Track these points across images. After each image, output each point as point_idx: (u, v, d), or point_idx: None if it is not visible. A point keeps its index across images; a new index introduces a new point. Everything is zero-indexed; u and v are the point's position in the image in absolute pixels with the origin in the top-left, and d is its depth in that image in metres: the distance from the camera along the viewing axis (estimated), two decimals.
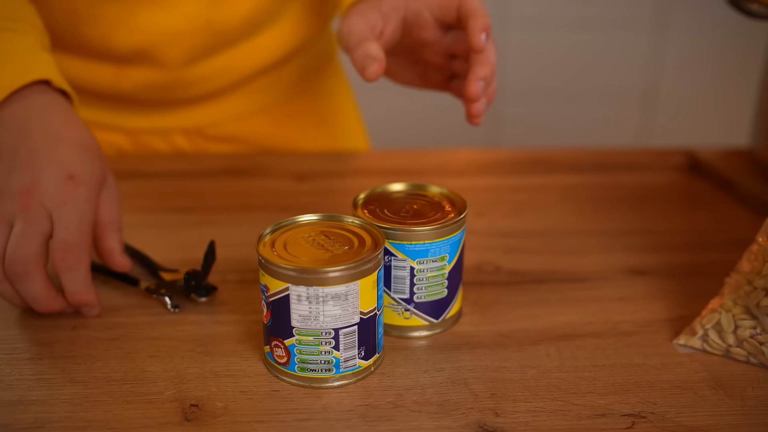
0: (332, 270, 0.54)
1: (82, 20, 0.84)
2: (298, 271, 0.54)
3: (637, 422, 0.54)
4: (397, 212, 0.63)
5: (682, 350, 0.62)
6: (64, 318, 0.64)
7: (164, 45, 0.87)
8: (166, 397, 0.55)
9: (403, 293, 0.62)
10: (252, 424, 0.53)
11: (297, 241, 0.58)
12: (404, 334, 0.63)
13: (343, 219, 0.61)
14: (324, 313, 0.55)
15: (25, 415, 0.53)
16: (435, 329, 0.64)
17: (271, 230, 0.59)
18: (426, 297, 0.62)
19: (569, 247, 0.78)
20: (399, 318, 0.63)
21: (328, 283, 0.54)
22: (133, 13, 0.84)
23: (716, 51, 2.30)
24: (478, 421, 0.54)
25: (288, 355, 0.56)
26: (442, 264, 0.61)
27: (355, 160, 0.98)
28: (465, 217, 0.62)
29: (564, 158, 1.00)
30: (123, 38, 0.86)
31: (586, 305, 0.68)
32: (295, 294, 0.54)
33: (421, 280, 0.61)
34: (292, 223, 0.60)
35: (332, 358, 0.56)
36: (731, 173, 0.92)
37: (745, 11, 0.84)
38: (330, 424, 0.53)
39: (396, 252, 0.60)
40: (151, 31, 0.86)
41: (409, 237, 0.60)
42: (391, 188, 0.66)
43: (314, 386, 0.57)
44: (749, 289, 0.60)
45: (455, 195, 0.65)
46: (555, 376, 0.59)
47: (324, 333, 0.55)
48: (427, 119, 2.30)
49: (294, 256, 0.56)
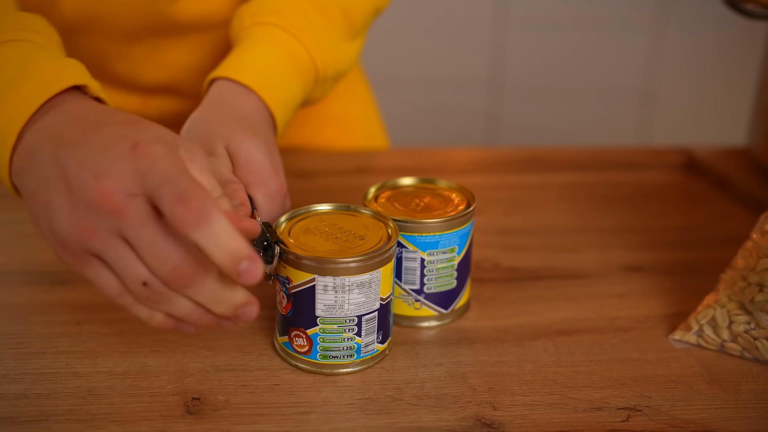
0: (358, 260, 0.55)
1: (111, 58, 0.85)
2: (325, 262, 0.55)
3: (632, 415, 0.55)
4: (407, 205, 0.65)
5: (678, 345, 0.63)
6: (67, 314, 0.65)
7: (190, 79, 0.88)
8: (168, 391, 0.56)
9: (414, 284, 0.63)
10: (253, 417, 0.54)
11: (311, 231, 0.59)
12: (414, 324, 0.65)
13: (357, 210, 0.62)
14: (349, 302, 0.56)
15: (29, 408, 0.54)
16: (444, 319, 0.65)
17: (287, 219, 0.60)
18: (436, 288, 0.64)
19: (567, 244, 0.79)
20: (409, 308, 0.64)
21: (354, 272, 0.56)
22: (161, 51, 0.85)
23: (715, 51, 2.31)
24: (476, 414, 0.55)
25: (310, 344, 0.57)
26: (452, 255, 0.63)
27: (353, 159, 0.99)
28: (474, 209, 0.64)
29: (562, 157, 1.01)
30: (150, 74, 0.87)
31: (583, 301, 0.69)
32: (321, 285, 0.55)
33: (432, 271, 0.63)
34: (306, 212, 0.62)
35: (354, 344, 0.58)
36: (728, 172, 0.92)
37: (741, 11, 0.84)
38: (330, 417, 0.54)
39: (407, 243, 0.62)
40: (178, 67, 0.87)
41: (419, 229, 0.61)
42: (401, 182, 0.68)
43: (335, 372, 0.58)
44: (743, 285, 0.61)
45: (464, 188, 0.67)
46: (552, 370, 0.59)
47: (348, 320, 0.57)
48: (426, 119, 2.31)
49: (314, 248, 0.57)
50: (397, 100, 2.25)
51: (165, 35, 0.84)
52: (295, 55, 0.72)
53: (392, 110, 2.26)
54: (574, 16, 2.25)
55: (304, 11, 0.74)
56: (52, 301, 0.66)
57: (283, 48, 0.72)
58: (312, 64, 0.73)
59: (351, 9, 0.78)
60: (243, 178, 0.62)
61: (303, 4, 0.75)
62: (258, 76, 0.69)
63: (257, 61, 0.70)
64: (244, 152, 0.63)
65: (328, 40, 0.75)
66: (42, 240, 0.52)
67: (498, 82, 2.29)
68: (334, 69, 0.76)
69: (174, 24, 0.82)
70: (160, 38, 0.84)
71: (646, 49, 2.28)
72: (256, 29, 0.73)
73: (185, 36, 0.85)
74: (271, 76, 0.70)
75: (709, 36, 2.29)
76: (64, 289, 0.68)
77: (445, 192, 0.67)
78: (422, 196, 0.66)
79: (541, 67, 2.28)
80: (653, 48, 2.28)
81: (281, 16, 0.73)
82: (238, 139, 0.63)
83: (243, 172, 0.62)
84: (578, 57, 2.28)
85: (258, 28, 0.73)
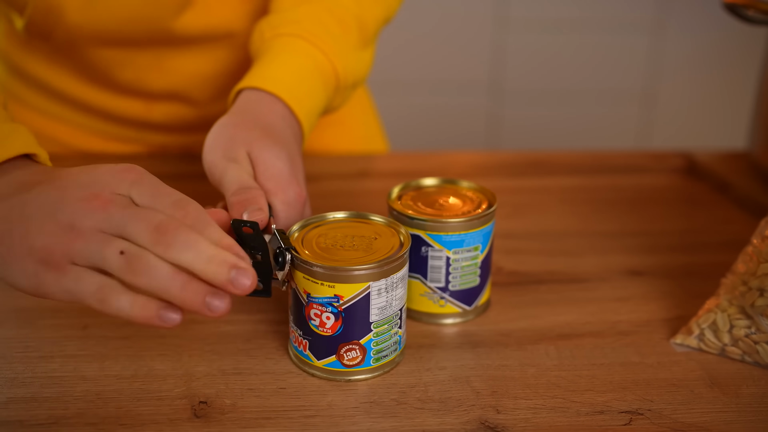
0: (399, 256, 0.57)
1: (115, 66, 0.86)
2: (379, 265, 0.56)
3: (634, 419, 0.55)
4: (431, 205, 0.66)
5: (679, 349, 0.63)
6: (74, 317, 0.65)
7: (194, 87, 0.89)
8: (175, 395, 0.57)
9: (439, 282, 0.65)
10: (259, 420, 0.55)
11: (330, 247, 0.59)
12: (438, 321, 0.66)
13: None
14: (395, 298, 0.58)
15: (39, 412, 0.55)
16: (467, 316, 0.67)
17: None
18: (460, 285, 0.65)
19: (568, 248, 0.80)
20: (434, 306, 0.66)
21: (399, 267, 0.58)
22: (165, 59, 0.86)
23: (715, 53, 2.32)
24: (480, 417, 0.55)
25: (363, 353, 0.58)
26: (476, 254, 0.65)
27: (354, 163, 0.99)
28: (495, 209, 0.65)
29: (563, 160, 1.02)
30: (155, 80, 0.87)
31: (585, 305, 0.69)
32: (375, 289, 0.57)
33: (456, 269, 0.64)
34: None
35: (398, 337, 0.60)
36: (728, 176, 0.93)
37: (742, 17, 0.85)
38: (335, 421, 0.55)
39: (433, 243, 0.63)
40: (182, 74, 0.87)
41: (445, 228, 0.63)
42: (423, 182, 0.70)
43: (386, 371, 0.60)
44: (744, 289, 0.62)
45: (484, 189, 0.68)
46: (554, 374, 0.60)
47: (394, 316, 0.59)
48: (426, 120, 2.31)
49: (346, 258, 0.57)
50: (398, 102, 2.26)
51: (169, 45, 0.85)
52: (317, 63, 0.73)
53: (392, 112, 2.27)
54: (574, 17, 2.25)
55: (323, 21, 0.75)
56: (58, 305, 0.67)
57: (305, 57, 0.73)
58: (333, 72, 0.74)
59: (365, 18, 0.79)
60: (262, 185, 0.63)
61: (321, 15, 0.76)
62: (283, 84, 0.70)
63: (281, 70, 0.71)
64: (264, 159, 0.64)
65: (346, 48, 0.76)
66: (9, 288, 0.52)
67: (498, 83, 2.30)
68: (354, 76, 0.78)
69: (178, 37, 0.83)
70: (164, 47, 0.85)
71: (646, 50, 2.29)
72: (278, 41, 0.74)
73: (189, 45, 0.85)
74: (295, 84, 0.71)
75: (709, 37, 2.29)
76: None
77: (467, 192, 0.69)
78: (445, 196, 0.68)
79: (542, 68, 2.29)
80: (653, 50, 2.29)
81: (301, 26, 0.74)
82: (260, 145, 0.64)
83: (263, 178, 0.63)
84: (578, 59, 2.29)
85: (280, 40, 0.74)
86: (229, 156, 0.64)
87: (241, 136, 0.65)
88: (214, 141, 0.66)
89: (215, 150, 0.65)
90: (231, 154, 0.64)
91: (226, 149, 0.64)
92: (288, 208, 0.63)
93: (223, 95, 0.91)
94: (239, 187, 0.61)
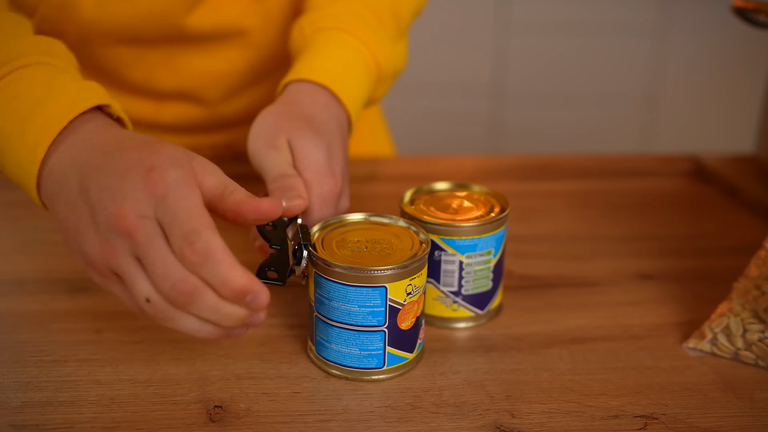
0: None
1: (125, 65, 0.86)
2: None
3: (649, 423, 0.55)
4: (444, 209, 0.66)
5: (692, 353, 0.63)
6: (87, 321, 0.65)
7: (204, 86, 0.89)
8: (190, 399, 0.57)
9: (452, 286, 0.65)
10: (275, 425, 0.55)
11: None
12: (450, 325, 0.66)
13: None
14: None
15: (55, 416, 0.55)
16: (480, 320, 0.67)
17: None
18: (473, 289, 0.65)
19: (577, 252, 0.80)
20: (447, 310, 0.66)
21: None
22: (175, 57, 0.86)
23: (720, 56, 2.32)
24: (495, 422, 0.55)
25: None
26: (488, 258, 0.65)
27: (362, 166, 1.00)
28: (508, 213, 0.65)
29: (569, 164, 1.02)
30: (164, 79, 0.88)
31: (597, 309, 0.70)
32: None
33: (469, 273, 0.65)
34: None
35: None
36: (737, 180, 0.93)
37: (753, 21, 0.85)
38: (351, 425, 0.55)
39: (446, 247, 0.63)
40: (191, 73, 0.88)
41: (458, 232, 0.63)
42: (436, 187, 0.70)
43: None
44: (757, 293, 0.62)
45: (496, 193, 0.69)
46: (568, 378, 0.60)
47: None
48: (428, 123, 2.31)
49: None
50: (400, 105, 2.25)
51: (180, 43, 0.85)
52: (359, 54, 0.75)
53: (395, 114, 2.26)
54: (576, 20, 2.26)
55: (360, 14, 0.77)
56: (71, 308, 0.67)
57: (347, 48, 0.74)
58: (374, 62, 0.76)
59: (399, 10, 0.81)
60: (300, 175, 0.65)
61: (358, 8, 0.78)
62: (328, 73, 0.72)
63: (325, 61, 0.73)
64: (302, 148, 0.65)
65: (384, 39, 0.77)
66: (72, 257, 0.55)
67: (500, 86, 2.30)
68: (393, 67, 0.79)
69: (189, 34, 0.83)
70: (174, 45, 0.85)
71: (649, 53, 2.29)
72: (319, 35, 0.75)
73: (200, 43, 0.86)
74: (340, 73, 0.72)
75: (712, 40, 2.29)
76: (84, 297, 0.68)
77: (479, 196, 0.69)
78: (457, 200, 0.68)
79: (544, 71, 2.29)
80: (656, 52, 2.29)
81: (341, 20, 0.76)
82: (299, 134, 0.66)
83: (300, 167, 0.65)
84: (581, 61, 2.29)
85: (321, 34, 0.75)
86: (271, 144, 0.66)
87: (283, 125, 0.67)
88: (257, 129, 0.68)
89: (258, 138, 0.67)
90: (273, 142, 0.66)
91: (268, 137, 0.66)
92: (322, 201, 0.64)
93: (233, 95, 0.91)
94: (278, 174, 0.64)
